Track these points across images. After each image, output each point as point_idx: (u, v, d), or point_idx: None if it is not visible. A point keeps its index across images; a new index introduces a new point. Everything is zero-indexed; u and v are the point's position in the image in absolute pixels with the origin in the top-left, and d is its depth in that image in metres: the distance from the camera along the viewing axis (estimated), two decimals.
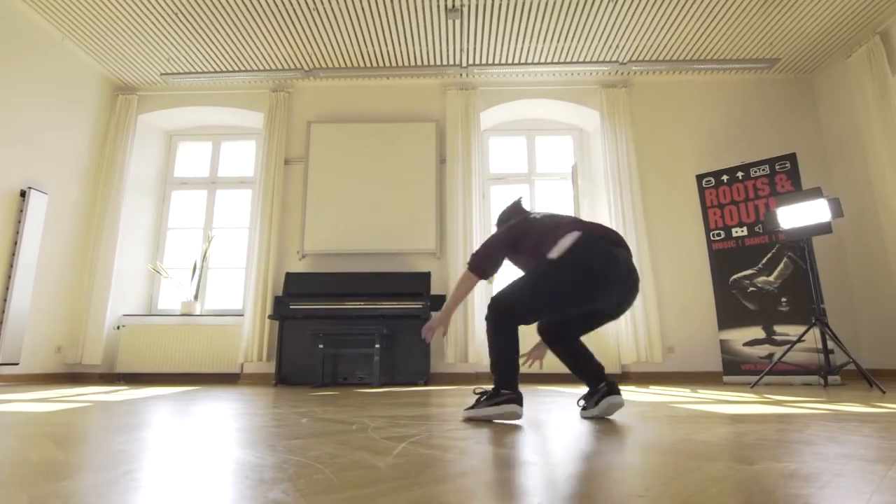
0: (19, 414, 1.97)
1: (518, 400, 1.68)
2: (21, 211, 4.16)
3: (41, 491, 0.79)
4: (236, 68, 5.09)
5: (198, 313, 4.96)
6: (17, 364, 4.06)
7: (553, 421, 1.73)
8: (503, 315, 1.70)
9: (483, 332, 4.59)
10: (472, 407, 1.77)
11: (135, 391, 3.39)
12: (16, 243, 4.11)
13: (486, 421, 1.72)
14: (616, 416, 1.85)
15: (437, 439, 1.34)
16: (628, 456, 1.07)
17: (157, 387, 3.92)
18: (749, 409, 2.07)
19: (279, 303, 4.36)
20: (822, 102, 5.19)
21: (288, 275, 4.61)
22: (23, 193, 4.18)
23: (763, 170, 4.42)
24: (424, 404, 2.41)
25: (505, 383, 1.69)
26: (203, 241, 5.33)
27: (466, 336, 4.57)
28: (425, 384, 4.22)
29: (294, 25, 4.46)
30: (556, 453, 1.11)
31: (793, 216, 3.59)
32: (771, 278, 4.26)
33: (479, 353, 4.53)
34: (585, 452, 1.12)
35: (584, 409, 1.84)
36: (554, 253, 1.68)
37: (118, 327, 4.78)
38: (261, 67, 5.10)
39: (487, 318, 1.74)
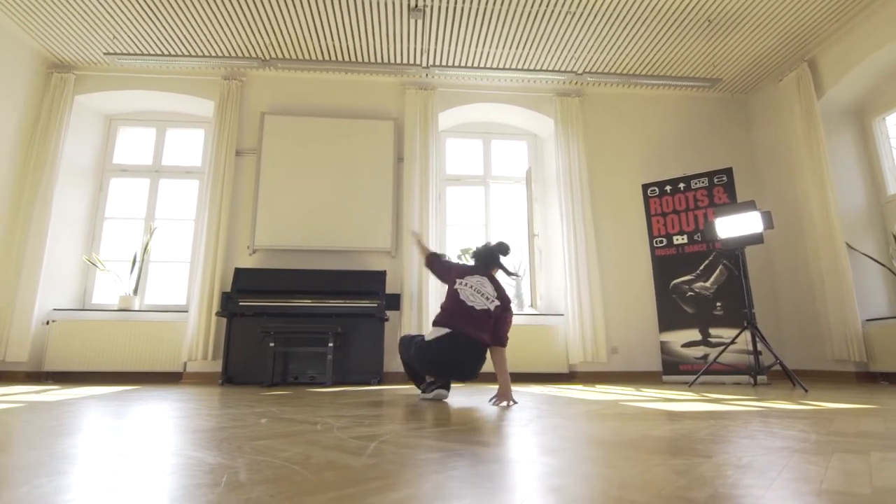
0: None
1: None
2: None
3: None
4: (188, 53, 4.85)
5: (137, 308, 4.70)
6: None
7: (513, 419, 1.78)
8: None
9: None
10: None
11: (68, 391, 3.18)
12: None
13: (446, 419, 1.75)
14: (572, 415, 1.92)
15: (406, 438, 1.35)
16: (594, 452, 1.12)
17: (92, 386, 3.69)
18: (693, 406, 2.21)
19: (228, 299, 4.21)
20: (756, 122, 5.58)
21: (237, 270, 4.46)
22: None
23: (702, 182, 4.70)
24: (383, 404, 2.41)
25: None
26: (144, 232, 5.05)
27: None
28: (378, 383, 4.19)
29: (251, 12, 4.31)
30: (525, 450, 1.15)
31: (729, 226, 3.85)
32: (707, 284, 4.54)
33: None
34: (552, 448, 1.17)
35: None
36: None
37: (47, 322, 4.45)
38: (214, 54, 4.88)
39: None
